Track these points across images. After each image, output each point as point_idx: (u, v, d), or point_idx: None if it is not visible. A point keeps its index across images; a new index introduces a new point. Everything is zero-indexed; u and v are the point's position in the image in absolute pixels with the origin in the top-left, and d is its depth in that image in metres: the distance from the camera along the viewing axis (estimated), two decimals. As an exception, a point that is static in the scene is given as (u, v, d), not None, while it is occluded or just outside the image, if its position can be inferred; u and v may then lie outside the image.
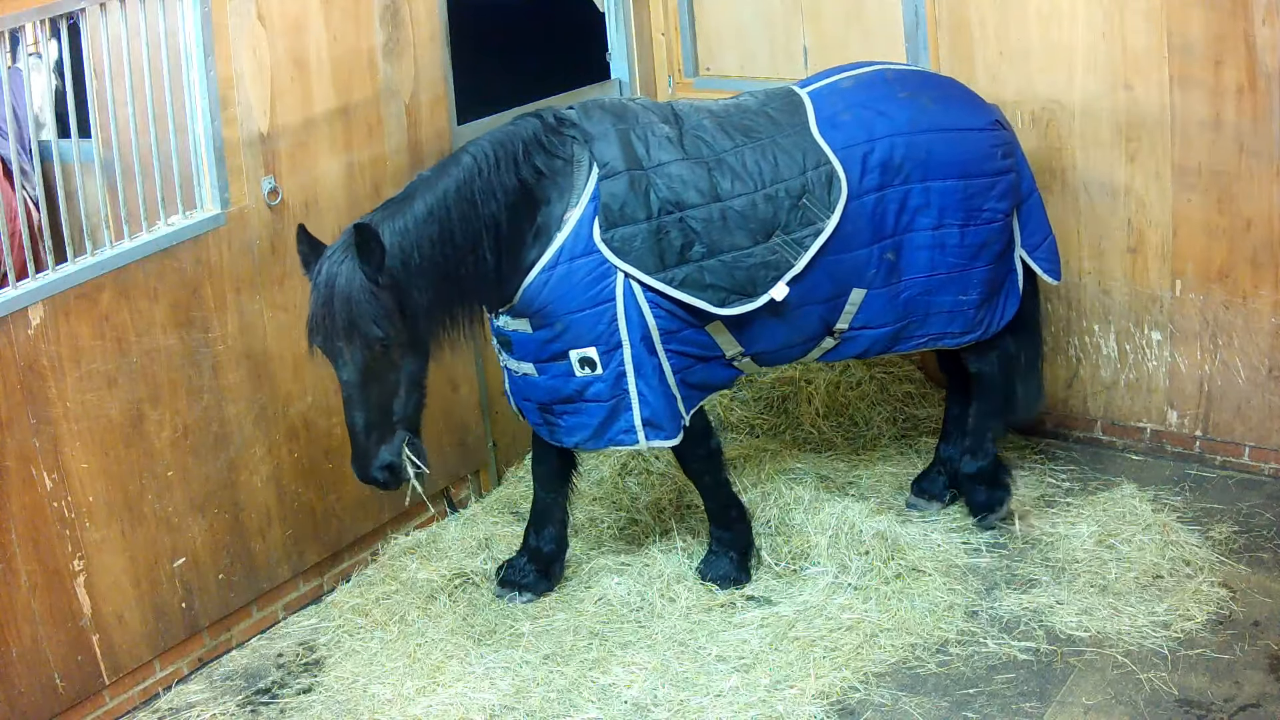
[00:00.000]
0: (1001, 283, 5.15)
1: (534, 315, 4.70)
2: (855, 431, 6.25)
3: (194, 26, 4.70)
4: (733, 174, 4.77)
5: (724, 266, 4.72)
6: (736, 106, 5.02)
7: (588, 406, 4.78)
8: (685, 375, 4.82)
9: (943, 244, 4.96)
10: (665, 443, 4.82)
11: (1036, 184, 5.28)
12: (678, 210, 4.69)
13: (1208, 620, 4.73)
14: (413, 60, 5.51)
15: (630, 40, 6.60)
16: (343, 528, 5.51)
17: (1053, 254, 5.29)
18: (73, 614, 4.57)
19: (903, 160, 4.89)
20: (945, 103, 5.07)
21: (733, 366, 4.97)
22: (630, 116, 4.80)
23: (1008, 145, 5.11)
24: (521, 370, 4.85)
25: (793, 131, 4.89)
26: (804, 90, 5.08)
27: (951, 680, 4.59)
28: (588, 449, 4.95)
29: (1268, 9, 5.11)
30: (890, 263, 4.93)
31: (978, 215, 4.99)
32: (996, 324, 5.18)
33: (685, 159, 4.75)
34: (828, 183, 4.82)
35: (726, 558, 5.19)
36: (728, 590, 5.13)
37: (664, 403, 4.76)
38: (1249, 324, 5.52)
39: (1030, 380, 5.42)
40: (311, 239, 4.44)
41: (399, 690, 4.74)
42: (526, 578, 5.28)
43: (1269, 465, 5.63)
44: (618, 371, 4.71)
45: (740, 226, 4.74)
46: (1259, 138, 5.28)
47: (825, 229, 4.80)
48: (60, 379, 4.46)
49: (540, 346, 4.74)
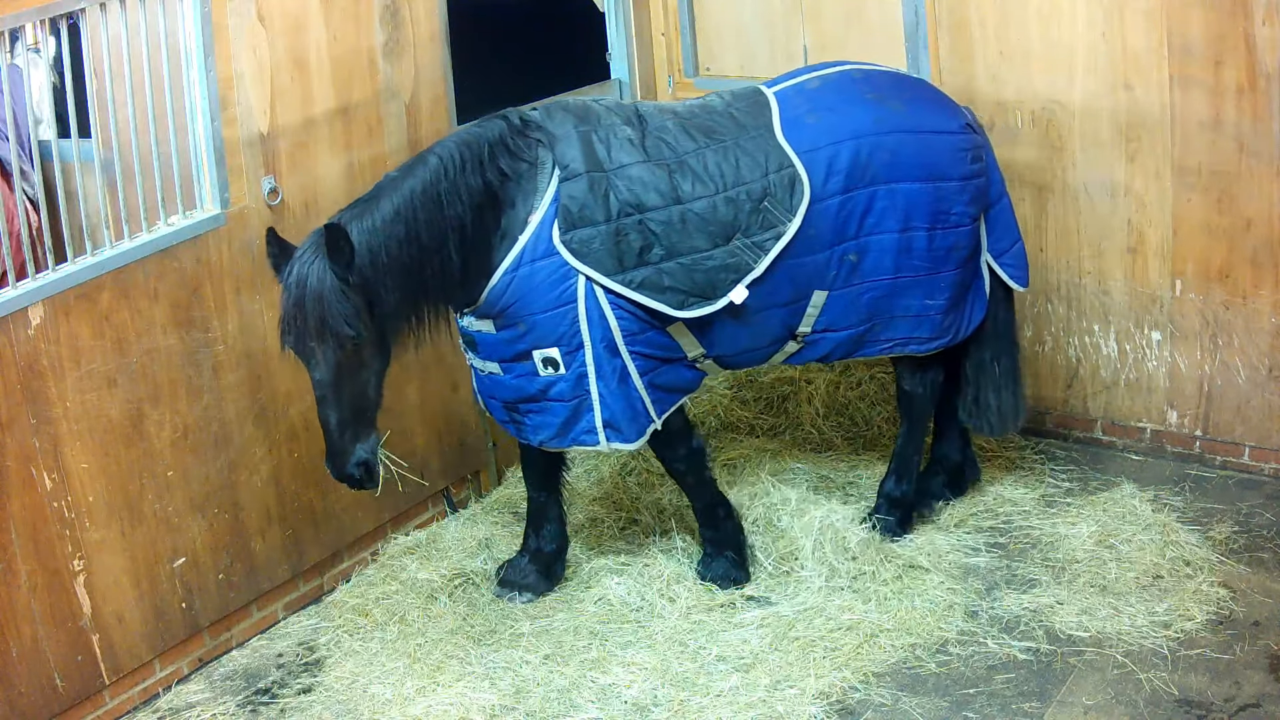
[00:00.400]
0: (969, 288, 5.11)
1: (497, 316, 4.71)
2: (855, 431, 6.25)
3: (194, 26, 4.70)
4: (694, 176, 4.75)
5: (683, 269, 4.71)
6: (702, 107, 5.00)
7: (551, 406, 4.78)
8: (652, 377, 4.81)
9: (909, 247, 4.92)
10: (624, 445, 4.82)
11: (1007, 188, 5.24)
12: (637, 212, 4.68)
13: (1208, 620, 4.73)
14: (413, 60, 5.51)
15: (630, 40, 6.60)
16: (343, 528, 5.51)
17: (1020, 260, 5.24)
18: (73, 614, 4.57)
19: (868, 163, 4.85)
20: (913, 104, 5.02)
21: (696, 368, 4.95)
22: (593, 118, 4.79)
23: (977, 149, 5.06)
24: (487, 369, 4.86)
25: (756, 133, 4.87)
26: (771, 90, 5.04)
27: (951, 680, 4.59)
28: (552, 448, 4.94)
29: (1268, 9, 5.11)
30: (852, 264, 4.90)
31: (946, 219, 4.95)
32: (964, 330, 5.15)
33: (646, 161, 4.73)
34: (790, 186, 4.79)
35: (723, 557, 5.19)
36: (728, 590, 5.13)
37: (623, 405, 4.75)
38: (1249, 324, 5.52)
39: (1008, 390, 5.34)
40: (281, 241, 4.44)
41: (399, 690, 4.74)
42: (527, 578, 5.28)
43: (1269, 465, 5.63)
44: (580, 372, 4.71)
45: (700, 229, 4.72)
46: (1259, 138, 5.28)
47: (786, 232, 4.78)
48: (60, 379, 4.46)
49: (504, 346, 4.75)
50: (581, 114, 4.80)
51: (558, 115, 4.78)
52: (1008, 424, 5.42)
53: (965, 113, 5.16)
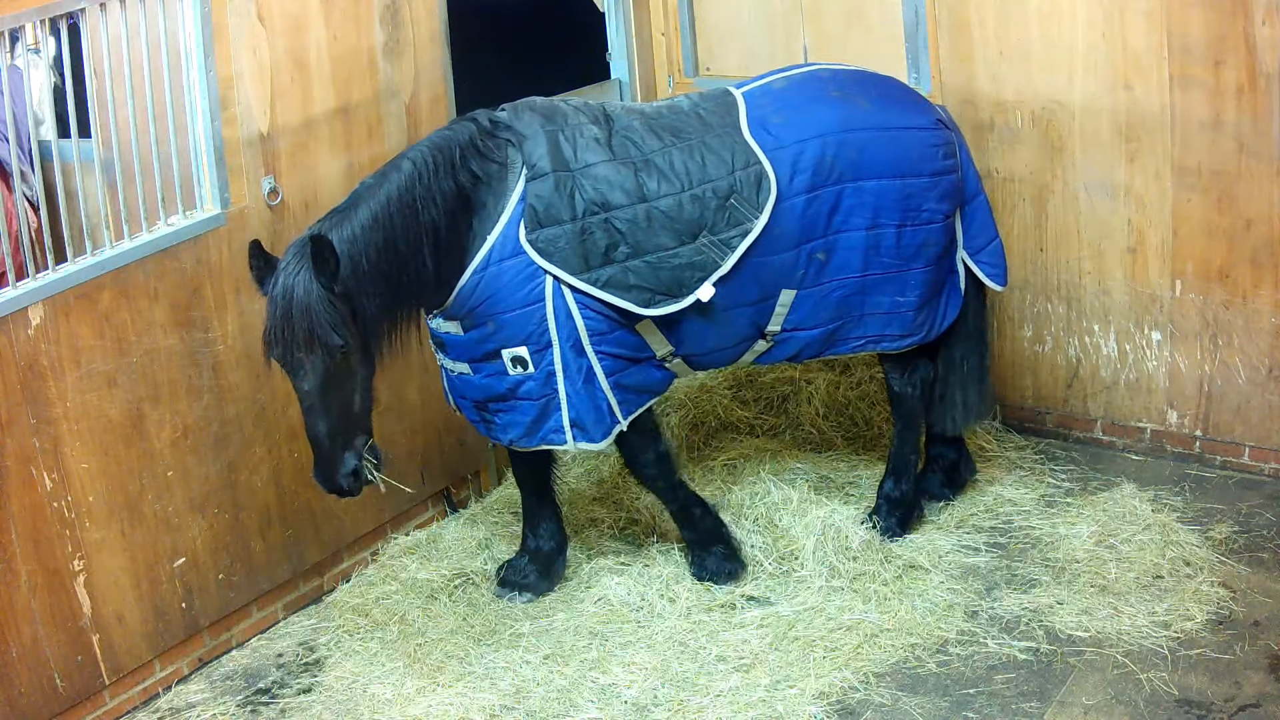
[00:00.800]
0: (942, 285, 5.11)
1: (465, 317, 4.71)
2: (855, 431, 6.24)
3: (194, 26, 4.70)
4: (659, 174, 4.75)
5: (649, 267, 4.71)
6: (669, 107, 5.00)
7: (520, 404, 4.78)
8: (620, 378, 4.80)
9: (878, 244, 4.92)
10: (590, 445, 4.81)
11: (983, 185, 5.23)
12: (602, 211, 4.68)
13: (1208, 620, 4.73)
14: (413, 60, 5.51)
15: (630, 40, 6.61)
16: (343, 528, 5.51)
17: (997, 258, 5.23)
18: (73, 614, 4.57)
19: (834, 160, 4.84)
20: (881, 101, 5.01)
21: (665, 368, 4.94)
22: (559, 117, 4.79)
23: (949, 145, 5.05)
24: (458, 369, 4.86)
25: (723, 132, 4.86)
26: (739, 90, 5.04)
27: (951, 680, 4.59)
28: (521, 447, 4.92)
29: (1268, 9, 5.11)
30: (820, 262, 4.89)
31: (916, 216, 4.94)
32: (938, 327, 5.15)
33: (612, 160, 4.73)
34: (756, 183, 4.79)
35: (711, 552, 5.18)
36: (727, 586, 5.13)
37: (588, 405, 4.75)
38: (1249, 324, 5.52)
39: (975, 386, 5.35)
40: (265, 254, 4.43)
41: (399, 690, 4.74)
42: (527, 578, 5.28)
43: (1269, 465, 5.63)
44: (548, 370, 4.71)
45: (665, 227, 4.72)
46: (1259, 138, 5.28)
47: (753, 229, 4.77)
48: (60, 379, 4.46)
49: (474, 346, 4.75)
50: (548, 113, 4.80)
51: (525, 115, 4.78)
52: (971, 420, 5.45)
53: (937, 109, 5.15)
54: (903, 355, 5.23)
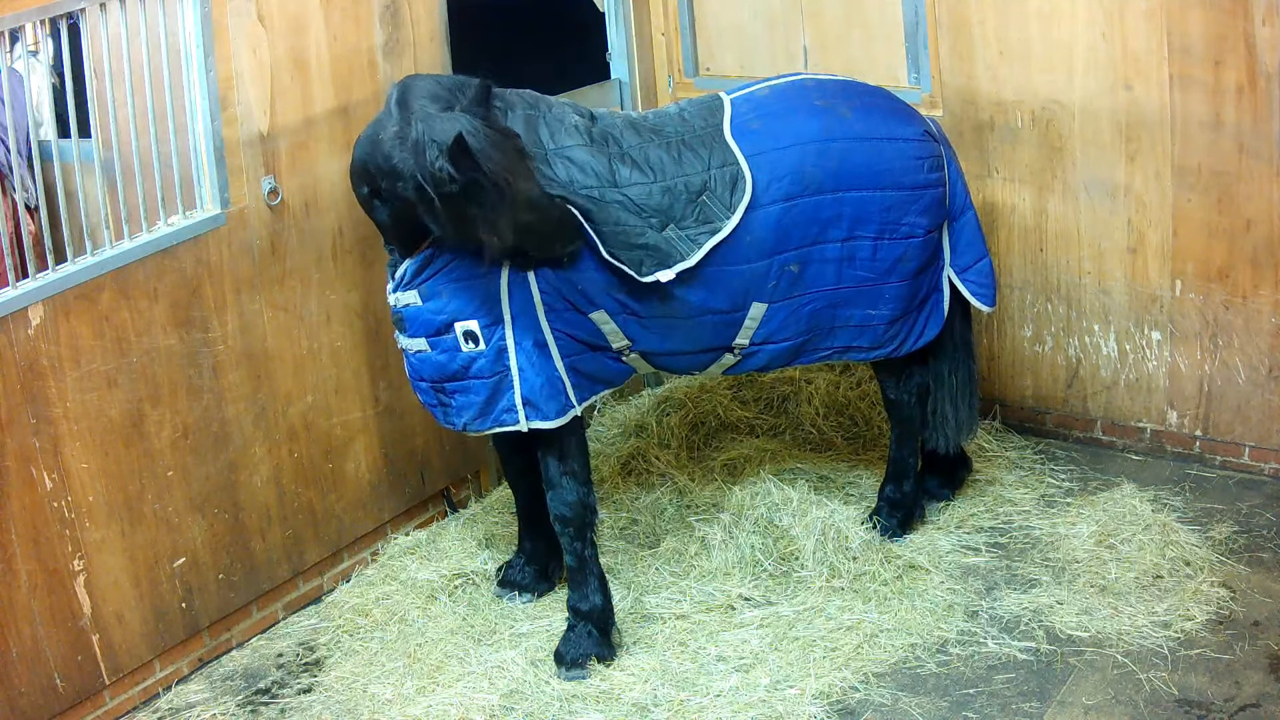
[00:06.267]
0: (923, 301, 5.02)
1: (423, 283, 4.66)
2: (855, 431, 6.25)
3: (194, 26, 4.70)
4: (634, 165, 4.69)
5: (613, 234, 4.63)
6: (655, 112, 4.98)
7: (473, 384, 4.71)
8: (576, 362, 4.75)
9: (852, 257, 4.83)
10: (544, 424, 4.70)
11: (973, 202, 5.15)
12: (565, 189, 4.60)
13: (1208, 620, 4.73)
14: (413, 60, 5.51)
15: (630, 40, 6.60)
16: (343, 528, 5.51)
17: (985, 278, 5.15)
18: (73, 614, 4.57)
19: (813, 170, 4.75)
20: (865, 111, 4.91)
21: (622, 361, 4.87)
22: (543, 106, 4.77)
23: (935, 158, 4.95)
24: (415, 348, 4.79)
25: (704, 132, 4.81)
26: (728, 96, 4.98)
27: (951, 680, 4.59)
28: (474, 430, 4.82)
29: (1268, 9, 5.11)
30: (793, 275, 4.80)
31: (895, 229, 4.85)
32: (912, 343, 5.06)
33: (588, 146, 4.69)
34: (731, 184, 4.72)
35: (584, 634, 4.84)
36: (575, 675, 4.78)
37: (543, 381, 4.68)
38: (1249, 324, 5.52)
39: (963, 404, 5.31)
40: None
41: (399, 690, 4.74)
42: (526, 578, 5.28)
43: (1269, 465, 5.63)
44: (499, 346, 4.65)
45: (631, 211, 4.64)
46: (1259, 138, 5.28)
47: (722, 229, 4.68)
48: (60, 379, 4.46)
49: (429, 316, 4.68)
50: (533, 101, 4.79)
51: (511, 98, 4.74)
52: (964, 437, 5.42)
53: (927, 121, 5.06)
54: (895, 363, 5.19)
